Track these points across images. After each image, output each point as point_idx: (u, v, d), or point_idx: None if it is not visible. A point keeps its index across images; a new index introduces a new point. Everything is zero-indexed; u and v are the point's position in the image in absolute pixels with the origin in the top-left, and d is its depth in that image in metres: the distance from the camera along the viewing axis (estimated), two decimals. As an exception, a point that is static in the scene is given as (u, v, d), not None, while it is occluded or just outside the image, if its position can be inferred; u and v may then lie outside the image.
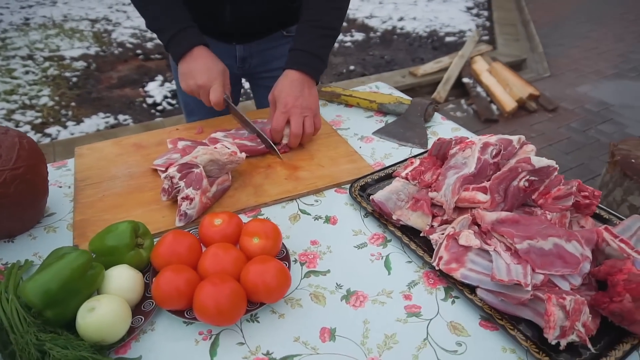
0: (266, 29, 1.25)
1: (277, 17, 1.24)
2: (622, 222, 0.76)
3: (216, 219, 0.76)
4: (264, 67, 1.31)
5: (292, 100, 1.01)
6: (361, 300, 0.70)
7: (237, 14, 1.15)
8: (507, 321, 0.66)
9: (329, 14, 1.07)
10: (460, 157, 0.85)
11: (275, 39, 1.27)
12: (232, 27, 1.18)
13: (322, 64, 1.07)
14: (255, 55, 1.28)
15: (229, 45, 1.24)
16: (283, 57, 1.32)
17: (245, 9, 1.14)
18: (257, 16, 1.18)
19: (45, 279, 0.59)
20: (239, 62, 1.28)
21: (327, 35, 1.07)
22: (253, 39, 1.25)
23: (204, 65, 1.02)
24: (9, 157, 0.75)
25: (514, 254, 0.71)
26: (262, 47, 1.27)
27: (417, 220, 0.82)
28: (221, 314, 0.62)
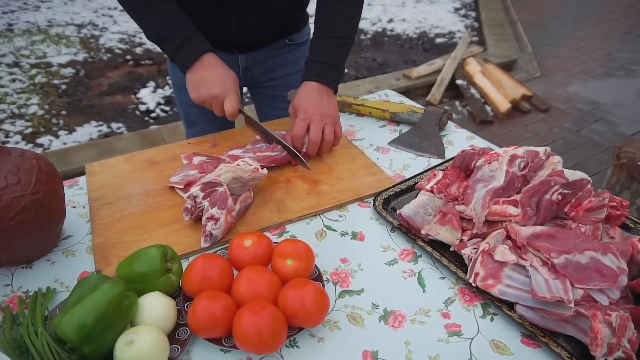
0: (269, 38, 1.24)
1: (280, 27, 1.23)
2: (652, 232, 0.77)
3: (246, 241, 0.74)
4: (266, 76, 1.30)
5: (312, 108, 1.00)
6: (399, 321, 0.69)
7: (241, 24, 1.14)
8: (549, 338, 0.66)
9: (344, 24, 1.07)
10: (487, 170, 0.84)
11: (278, 48, 1.27)
12: (236, 37, 1.17)
13: (339, 74, 1.07)
14: (258, 65, 1.27)
15: (231, 55, 1.23)
16: (286, 65, 1.31)
17: (250, 19, 1.13)
18: (261, 26, 1.17)
19: (81, 313, 0.56)
20: (242, 72, 1.27)
21: (343, 44, 1.07)
22: (255, 49, 1.24)
23: (216, 74, 1.00)
24: (28, 182, 0.72)
25: (550, 268, 0.70)
26: (265, 56, 1.26)
27: (447, 234, 0.82)
28: (263, 342, 0.60)
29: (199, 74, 1.00)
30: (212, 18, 1.12)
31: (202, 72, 1.00)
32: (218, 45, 1.19)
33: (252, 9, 1.11)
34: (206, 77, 0.99)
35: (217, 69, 1.00)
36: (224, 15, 1.11)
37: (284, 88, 1.29)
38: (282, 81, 1.32)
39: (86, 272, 0.77)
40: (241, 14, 1.12)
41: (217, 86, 0.99)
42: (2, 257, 0.74)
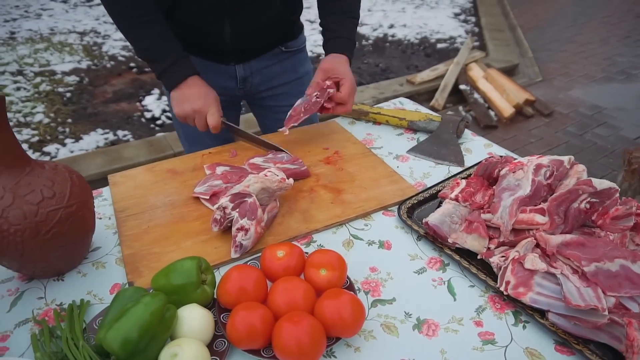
0: (265, 45, 1.24)
1: (276, 32, 1.23)
2: (678, 239, 0.78)
3: (278, 251, 0.74)
4: (265, 85, 1.30)
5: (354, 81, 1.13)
6: (433, 329, 0.70)
7: (236, 29, 1.13)
8: (583, 345, 0.66)
9: (357, 6, 1.18)
10: (512, 179, 0.85)
11: (275, 56, 1.27)
12: (231, 43, 1.16)
13: (354, 50, 1.18)
14: (255, 74, 1.27)
15: (228, 66, 1.23)
16: (284, 73, 1.31)
17: (245, 23, 1.13)
18: (257, 31, 1.17)
19: (126, 327, 0.57)
20: (240, 83, 1.27)
21: (356, 24, 1.19)
22: (252, 57, 1.24)
23: (199, 91, 1.05)
24: (63, 195, 0.72)
25: (581, 276, 0.71)
26: (262, 65, 1.26)
27: (474, 242, 0.82)
28: (303, 353, 0.61)
29: (183, 92, 1.06)
30: (207, 23, 1.12)
31: (185, 90, 1.06)
32: (214, 56, 1.21)
33: (247, 13, 1.11)
34: (189, 94, 1.05)
35: (199, 87, 1.06)
36: (218, 20, 1.11)
37: (283, 98, 1.30)
38: (280, 90, 1.31)
39: (118, 284, 0.78)
40: (236, 19, 1.11)
41: (199, 101, 1.04)
42: (36, 270, 0.75)
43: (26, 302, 0.74)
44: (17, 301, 0.74)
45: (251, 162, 1.03)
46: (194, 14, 1.09)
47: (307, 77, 1.34)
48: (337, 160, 1.09)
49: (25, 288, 0.76)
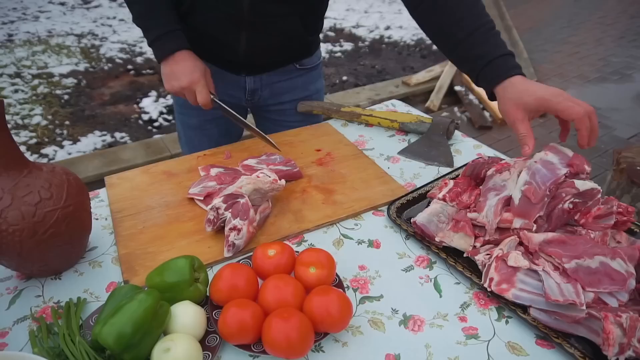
0: (278, 61, 1.22)
1: (293, 50, 1.22)
2: (657, 237, 0.80)
3: (270, 250, 0.77)
4: (273, 99, 1.29)
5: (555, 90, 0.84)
6: (419, 325, 0.72)
7: (251, 44, 1.12)
8: (563, 339, 0.69)
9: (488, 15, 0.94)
10: (498, 179, 0.88)
11: (287, 72, 1.25)
12: (244, 56, 1.15)
13: None
14: (265, 88, 1.25)
15: (238, 76, 1.22)
16: (294, 90, 1.28)
17: (261, 40, 1.12)
18: (272, 47, 1.16)
19: (120, 322, 0.59)
20: (248, 95, 1.26)
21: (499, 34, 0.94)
22: (264, 71, 1.22)
23: (186, 68, 1.03)
24: (60, 196, 0.75)
25: (562, 273, 0.73)
26: (273, 80, 1.25)
27: (460, 241, 0.85)
28: (292, 347, 0.63)
29: (171, 67, 1.04)
30: (222, 33, 1.11)
31: (173, 65, 1.04)
32: (226, 66, 1.20)
33: (265, 30, 1.09)
34: (176, 69, 1.04)
35: (186, 62, 1.04)
36: (234, 32, 1.10)
37: (289, 113, 1.29)
38: (289, 106, 1.30)
39: (114, 283, 0.80)
40: (253, 34, 1.10)
41: (185, 78, 1.03)
42: (34, 269, 0.77)
43: (24, 300, 0.76)
44: (16, 299, 0.76)
45: (244, 164, 1.06)
46: (211, 21, 1.08)
47: (317, 95, 1.34)
48: (329, 162, 1.11)
49: (24, 287, 0.78)
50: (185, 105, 1.27)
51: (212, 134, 1.32)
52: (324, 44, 5.02)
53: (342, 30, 5.51)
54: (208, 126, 1.31)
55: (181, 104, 1.31)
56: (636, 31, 5.61)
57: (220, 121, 1.27)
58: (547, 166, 0.81)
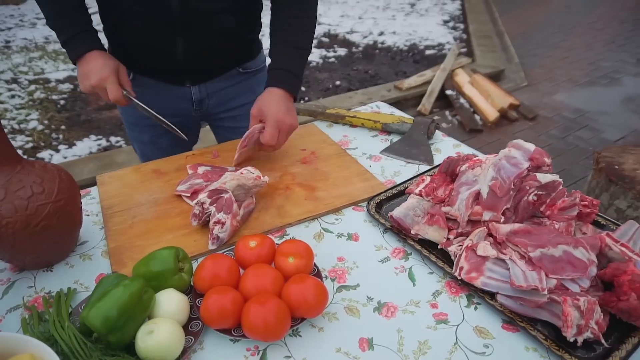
0: (221, 65, 1.23)
1: (232, 52, 1.21)
2: (620, 228, 0.85)
3: (251, 242, 0.81)
4: (222, 107, 1.29)
5: (282, 116, 1.04)
6: (392, 311, 0.76)
7: (188, 46, 1.12)
8: (527, 323, 0.73)
9: (304, 37, 1.12)
10: (470, 175, 0.92)
11: (232, 77, 1.26)
12: (184, 63, 1.15)
13: (300, 83, 1.12)
14: (212, 96, 1.26)
15: (183, 87, 1.22)
16: (242, 94, 1.28)
17: (197, 41, 1.12)
18: (210, 50, 1.16)
19: (107, 306, 0.63)
20: (196, 105, 1.26)
21: (303, 55, 1.12)
22: (208, 79, 1.23)
23: (95, 66, 1.03)
24: (51, 191, 0.78)
25: (528, 261, 0.78)
26: (219, 87, 1.25)
27: (434, 233, 0.89)
28: (269, 330, 0.67)
29: (83, 68, 1.05)
30: (157, 40, 1.10)
31: (85, 65, 1.04)
32: (168, 77, 1.20)
33: (199, 30, 1.09)
34: (88, 70, 1.04)
35: (96, 60, 1.04)
36: (169, 37, 1.09)
37: (241, 119, 1.26)
38: (239, 111, 1.29)
39: (103, 274, 0.84)
40: (187, 36, 1.10)
41: (95, 76, 1.02)
42: (27, 261, 0.81)
43: (17, 290, 0.80)
44: (9, 290, 0.80)
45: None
46: (144, 29, 1.08)
47: None
48: (313, 160, 1.16)
49: (17, 278, 0.82)
50: (135, 121, 1.31)
51: (164, 146, 1.34)
52: (317, 49, 5.08)
53: (336, 36, 5.58)
54: (159, 140, 1.33)
55: (130, 121, 1.33)
56: (626, 36, 5.70)
57: (171, 135, 1.23)
58: (511, 161, 0.86)
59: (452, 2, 7.35)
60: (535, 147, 0.88)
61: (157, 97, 1.13)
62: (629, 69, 4.66)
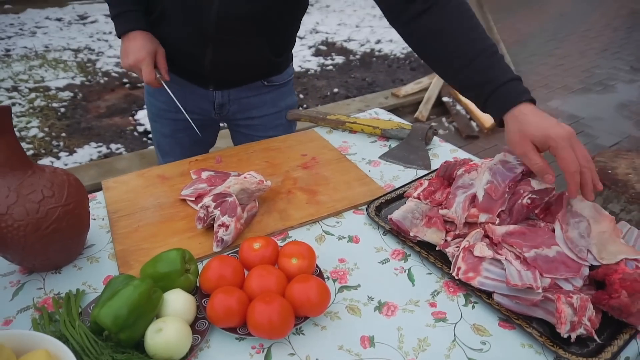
0: (246, 78, 1.25)
1: (259, 68, 1.24)
2: (611, 229, 0.87)
3: (255, 243, 0.83)
4: (242, 114, 1.32)
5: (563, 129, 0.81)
6: (392, 310, 0.79)
7: (217, 58, 1.15)
8: (523, 320, 0.75)
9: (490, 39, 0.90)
10: (467, 178, 0.95)
11: (255, 88, 1.28)
12: (210, 70, 1.18)
13: None
14: (233, 102, 1.28)
15: (206, 90, 1.25)
16: (263, 106, 1.30)
17: (227, 55, 1.15)
18: (239, 64, 1.18)
19: (117, 305, 0.65)
20: (217, 108, 1.29)
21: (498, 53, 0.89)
22: (231, 86, 1.25)
23: (135, 46, 1.10)
24: (61, 194, 0.81)
25: (523, 261, 0.80)
26: (241, 95, 1.27)
27: (433, 235, 0.92)
28: (273, 328, 0.69)
29: (125, 45, 1.12)
30: (188, 46, 1.14)
31: (127, 43, 1.11)
32: (193, 79, 1.23)
33: (231, 47, 1.12)
34: (128, 47, 1.11)
35: (137, 41, 1.10)
36: (200, 46, 1.12)
37: (260, 129, 1.31)
38: (258, 121, 1.32)
39: (110, 276, 0.86)
40: (218, 50, 1.13)
41: (133, 56, 1.10)
42: (36, 263, 0.83)
43: (27, 292, 0.82)
44: (19, 291, 0.82)
45: None
46: (178, 32, 1.12)
47: (287, 111, 1.37)
48: (313, 165, 1.18)
49: (26, 280, 0.84)
50: (158, 113, 1.34)
51: (183, 142, 1.37)
52: (315, 57, 5.13)
53: (334, 44, 5.64)
54: (179, 135, 1.36)
55: (154, 112, 1.36)
56: (619, 44, 5.78)
57: (191, 131, 1.28)
58: (506, 166, 0.89)
59: (448, 11, 7.43)
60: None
61: (181, 92, 1.16)
62: (622, 76, 4.73)
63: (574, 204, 0.85)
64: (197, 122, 1.15)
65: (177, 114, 1.21)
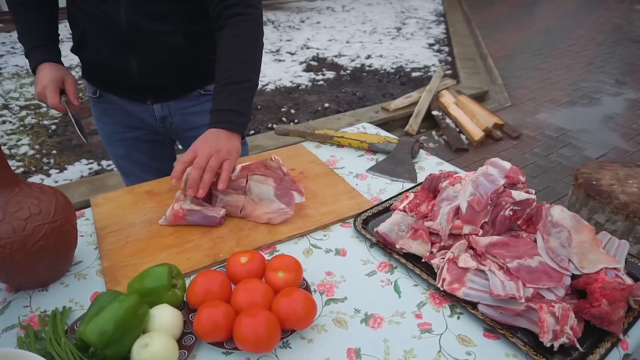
0: (180, 85, 1.27)
1: (189, 71, 1.24)
2: (593, 239, 0.89)
3: (242, 258, 0.84)
4: (186, 125, 1.33)
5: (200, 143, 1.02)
6: (379, 322, 0.79)
7: (142, 66, 1.17)
8: (507, 330, 0.76)
9: (240, 69, 1.09)
10: (451, 191, 0.97)
11: (194, 98, 1.30)
12: (141, 81, 1.19)
13: (243, 117, 1.09)
14: (174, 115, 1.30)
15: (145, 105, 1.28)
16: (204, 114, 1.26)
17: (150, 60, 1.16)
18: (164, 68, 1.19)
19: (103, 321, 0.65)
20: (160, 122, 1.31)
21: (241, 89, 1.08)
22: (169, 98, 1.27)
23: (40, 76, 1.16)
24: (48, 212, 0.81)
25: (506, 272, 0.82)
26: (180, 106, 1.29)
27: (418, 247, 0.93)
28: (260, 342, 0.70)
29: (36, 77, 1.17)
30: (113, 58, 1.16)
31: (36, 75, 1.18)
32: (129, 93, 1.26)
33: (150, 49, 1.14)
34: (36, 79, 1.17)
35: (43, 71, 1.16)
36: (123, 55, 1.15)
37: None
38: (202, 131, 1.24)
39: (98, 292, 0.86)
40: (141, 54, 1.15)
41: (39, 84, 1.15)
42: (23, 281, 0.83)
43: (13, 310, 0.81)
44: (4, 310, 0.81)
45: None
46: (101, 48, 1.16)
47: None
48: (301, 180, 1.20)
49: (12, 298, 0.84)
50: (109, 136, 1.39)
51: (139, 160, 1.41)
52: (306, 72, 5.19)
53: (324, 60, 5.71)
54: (134, 154, 1.40)
55: (105, 136, 1.40)
56: (603, 58, 5.92)
57: (145, 146, 1.38)
58: (488, 178, 0.91)
59: (437, 27, 7.58)
60: (511, 166, 0.94)
61: (123, 112, 1.21)
62: (607, 89, 4.83)
63: (554, 214, 0.87)
64: (147, 136, 1.21)
65: (125, 133, 1.27)
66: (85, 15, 1.13)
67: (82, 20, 1.15)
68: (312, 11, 8.61)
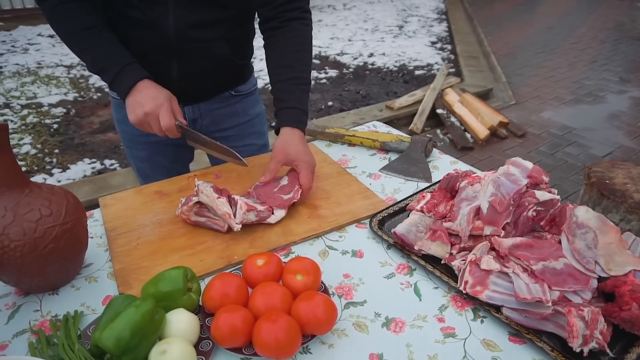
0: (213, 88, 1.27)
1: (224, 76, 1.25)
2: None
3: (258, 260, 0.81)
4: (216, 127, 1.32)
5: (310, 158, 1.08)
6: (400, 326, 0.77)
7: (183, 72, 1.16)
8: (533, 335, 0.74)
9: (307, 72, 1.15)
10: (470, 191, 0.94)
11: (224, 99, 1.29)
12: (178, 84, 1.17)
13: (307, 119, 1.15)
14: (205, 116, 1.29)
15: None
16: (234, 116, 1.31)
17: (192, 66, 1.15)
18: (204, 75, 1.20)
19: (119, 327, 0.63)
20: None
21: (307, 90, 1.16)
22: (200, 100, 1.26)
23: (148, 95, 1.03)
24: (59, 213, 0.79)
25: (530, 274, 0.79)
26: (211, 107, 1.29)
27: (437, 249, 0.91)
28: (281, 348, 0.67)
29: (134, 98, 1.03)
30: (154, 63, 1.12)
31: (136, 95, 1.03)
32: None
33: (194, 56, 1.13)
34: (140, 98, 1.03)
35: (149, 89, 1.04)
36: (165, 61, 1.13)
37: (234, 139, 1.32)
38: (232, 132, 1.33)
39: (110, 296, 0.83)
40: (183, 62, 1.13)
41: (149, 104, 1.01)
42: (33, 284, 0.80)
43: (23, 314, 0.79)
44: (15, 314, 0.79)
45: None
46: (142, 52, 1.10)
47: (258, 119, 1.39)
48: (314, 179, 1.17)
49: (22, 302, 0.82)
50: (132, 139, 1.33)
51: (161, 163, 1.37)
52: (309, 71, 5.16)
53: (327, 58, 5.68)
54: (157, 157, 1.36)
55: (128, 139, 1.34)
56: (607, 56, 5.89)
57: (168, 150, 1.31)
58: (510, 178, 0.89)
59: (439, 24, 7.55)
60: (534, 165, 0.91)
61: None
62: (612, 87, 4.81)
63: (579, 215, 0.84)
64: (172, 140, 1.11)
65: (149, 136, 1.16)
66: (126, 21, 1.07)
67: (123, 24, 1.08)
68: (313, 9, 8.57)
